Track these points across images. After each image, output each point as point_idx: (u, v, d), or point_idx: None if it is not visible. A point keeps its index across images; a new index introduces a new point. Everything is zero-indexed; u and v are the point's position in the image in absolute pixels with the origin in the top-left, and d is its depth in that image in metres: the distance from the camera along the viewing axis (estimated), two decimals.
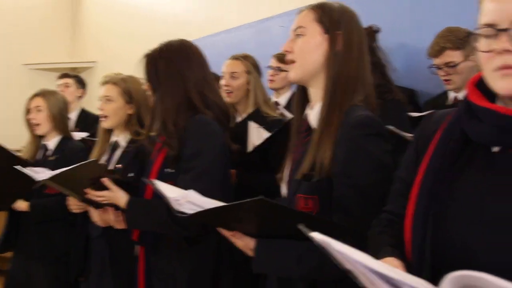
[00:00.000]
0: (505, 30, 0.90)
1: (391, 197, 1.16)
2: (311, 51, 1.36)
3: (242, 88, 2.58)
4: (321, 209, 1.26)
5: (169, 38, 1.87)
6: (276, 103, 2.95)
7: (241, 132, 2.33)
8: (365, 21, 2.19)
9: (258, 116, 2.37)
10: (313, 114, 1.37)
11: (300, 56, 1.37)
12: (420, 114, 2.05)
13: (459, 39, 2.30)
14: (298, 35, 1.38)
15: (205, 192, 1.39)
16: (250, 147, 2.03)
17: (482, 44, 0.95)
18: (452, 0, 2.63)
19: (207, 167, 1.69)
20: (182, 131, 1.73)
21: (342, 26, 1.35)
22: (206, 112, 1.77)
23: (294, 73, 1.39)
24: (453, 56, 2.33)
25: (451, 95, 2.47)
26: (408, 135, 1.59)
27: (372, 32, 2.23)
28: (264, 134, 2.10)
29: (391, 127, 1.75)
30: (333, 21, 1.36)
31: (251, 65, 2.62)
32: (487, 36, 0.94)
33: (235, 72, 2.59)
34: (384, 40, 2.41)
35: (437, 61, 2.41)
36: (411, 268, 0.97)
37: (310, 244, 1.18)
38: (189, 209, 1.28)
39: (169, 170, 1.76)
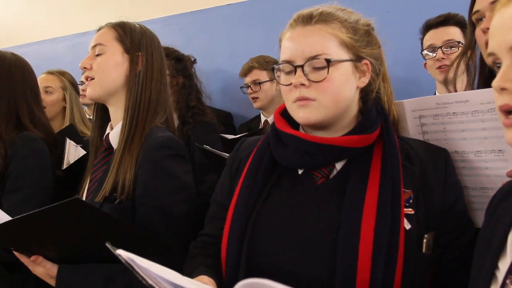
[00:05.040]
0: (300, 66, 1.02)
1: (207, 221, 1.19)
2: (111, 70, 1.33)
3: (56, 105, 2.45)
4: None
5: None
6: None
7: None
8: (186, 48, 2.29)
9: (70, 133, 2.24)
10: (114, 134, 1.34)
11: (99, 73, 1.33)
12: (235, 136, 2.17)
13: (266, 62, 2.61)
14: (97, 53, 1.34)
15: None
16: (65, 165, 1.90)
17: (282, 78, 1.07)
18: (262, 32, 2.86)
19: (36, 188, 1.57)
20: (7, 147, 1.59)
21: (143, 47, 1.35)
22: (34, 131, 1.67)
23: (92, 90, 1.34)
24: (259, 75, 2.63)
25: (263, 119, 2.68)
26: (225, 154, 1.67)
27: (191, 61, 2.34)
28: (81, 153, 1.99)
29: (207, 147, 1.81)
30: (134, 41, 1.35)
31: (68, 81, 2.51)
32: (286, 72, 1.05)
33: (49, 87, 2.46)
34: (202, 66, 2.51)
35: (247, 79, 2.68)
36: (226, 284, 1.01)
37: (118, 265, 1.15)
38: None
39: None
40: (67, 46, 3.66)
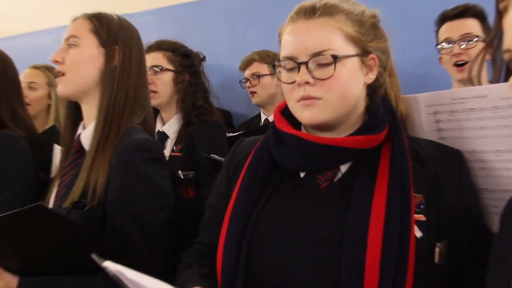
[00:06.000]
0: (304, 63, 1.01)
1: (202, 227, 1.18)
2: (85, 64, 1.30)
3: (40, 102, 2.46)
4: None
5: None
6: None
7: None
8: (185, 42, 2.28)
9: (53, 134, 2.21)
10: (86, 135, 1.32)
11: (72, 68, 1.30)
12: (235, 134, 2.16)
13: (267, 56, 2.61)
14: (70, 45, 1.32)
15: None
16: (54, 172, 1.90)
17: (284, 75, 1.06)
18: (261, 27, 2.85)
19: (17, 190, 1.57)
20: None
21: (120, 41, 1.33)
22: (16, 130, 1.66)
23: (63, 86, 1.31)
24: (259, 68, 2.63)
25: (263, 117, 2.67)
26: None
27: (199, 59, 2.34)
28: None
29: (213, 156, 1.80)
30: (111, 34, 1.32)
31: (54, 77, 2.47)
32: (288, 69, 1.05)
33: (34, 83, 2.47)
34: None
35: (246, 73, 2.68)
36: None
37: (86, 278, 1.13)
38: None
39: None
40: (54, 39, 3.61)
